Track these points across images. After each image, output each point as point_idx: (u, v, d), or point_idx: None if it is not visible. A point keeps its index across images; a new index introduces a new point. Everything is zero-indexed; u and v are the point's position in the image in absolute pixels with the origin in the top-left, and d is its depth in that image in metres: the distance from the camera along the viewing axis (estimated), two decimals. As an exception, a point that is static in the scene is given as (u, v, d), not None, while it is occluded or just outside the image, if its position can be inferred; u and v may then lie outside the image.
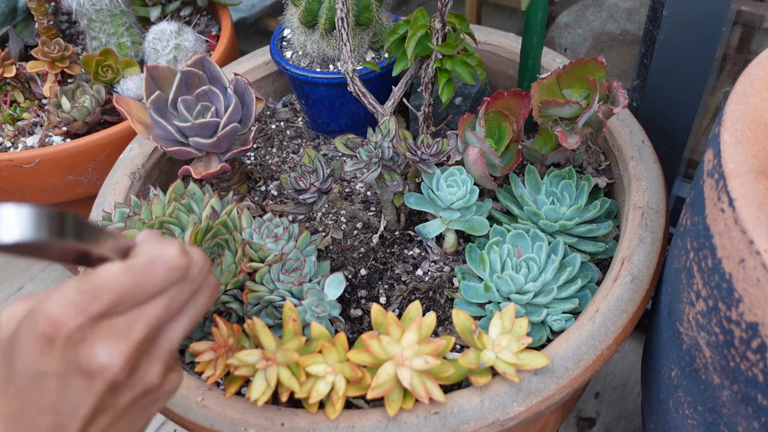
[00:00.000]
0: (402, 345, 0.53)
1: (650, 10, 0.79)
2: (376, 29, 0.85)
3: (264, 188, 0.86)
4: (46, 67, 1.03)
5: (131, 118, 0.72)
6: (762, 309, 0.40)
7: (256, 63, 0.97)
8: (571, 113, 0.68)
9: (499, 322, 0.57)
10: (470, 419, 0.54)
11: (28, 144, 1.00)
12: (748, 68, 0.52)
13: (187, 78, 0.73)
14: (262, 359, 0.53)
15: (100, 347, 0.35)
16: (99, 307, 0.35)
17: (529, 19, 0.76)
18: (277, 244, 0.64)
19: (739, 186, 0.43)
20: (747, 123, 0.48)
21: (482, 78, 0.75)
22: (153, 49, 1.05)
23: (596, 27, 1.23)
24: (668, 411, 0.61)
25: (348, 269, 0.74)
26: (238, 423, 0.56)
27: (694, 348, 0.51)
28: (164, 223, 0.62)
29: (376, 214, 0.80)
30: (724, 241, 0.44)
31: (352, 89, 0.75)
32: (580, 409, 1.06)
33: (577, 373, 0.57)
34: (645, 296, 0.62)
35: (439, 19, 0.68)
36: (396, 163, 0.69)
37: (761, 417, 0.45)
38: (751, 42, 1.07)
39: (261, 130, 0.94)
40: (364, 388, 0.55)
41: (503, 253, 0.66)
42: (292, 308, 0.58)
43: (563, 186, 0.72)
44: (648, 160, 0.73)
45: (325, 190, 0.68)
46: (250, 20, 1.53)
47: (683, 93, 0.82)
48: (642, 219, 0.67)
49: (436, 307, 0.70)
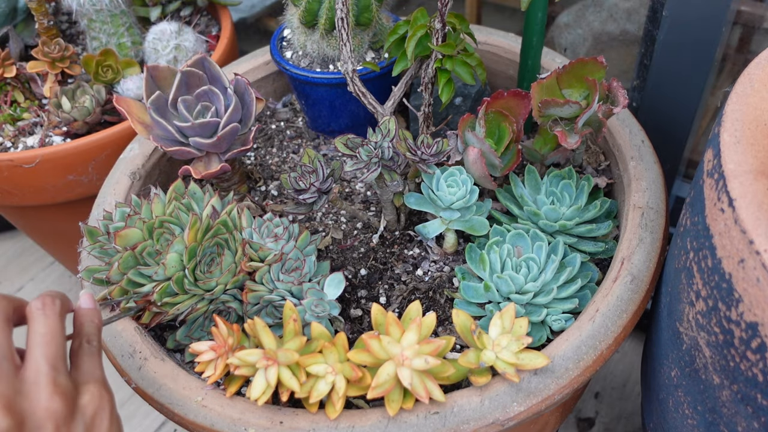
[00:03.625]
0: (402, 345, 0.53)
1: (650, 10, 0.79)
2: (376, 29, 0.85)
3: (264, 188, 0.86)
4: (47, 67, 1.03)
5: (131, 118, 0.72)
6: (762, 309, 0.40)
7: (256, 63, 0.97)
8: (571, 113, 0.68)
9: (499, 322, 0.57)
10: (470, 419, 0.54)
11: (28, 144, 1.00)
12: (748, 68, 0.52)
13: (187, 78, 0.73)
14: (262, 359, 0.53)
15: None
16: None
17: (529, 19, 0.76)
18: (277, 244, 0.64)
19: (739, 186, 0.43)
20: (747, 123, 0.48)
21: (482, 78, 0.75)
22: (153, 49, 1.05)
23: (596, 27, 1.23)
24: (668, 411, 0.61)
25: (348, 269, 0.74)
26: (239, 423, 0.56)
27: (694, 348, 0.51)
28: (164, 222, 0.62)
29: (376, 214, 0.80)
30: (724, 241, 0.44)
31: (352, 89, 0.75)
32: (580, 409, 1.06)
33: (577, 373, 0.57)
34: (645, 296, 0.62)
35: (439, 19, 0.68)
36: (396, 163, 0.69)
37: (761, 417, 0.45)
38: (751, 42, 1.07)
39: (261, 130, 0.94)
40: (365, 388, 0.55)
41: (503, 253, 0.66)
42: (292, 308, 0.58)
43: (563, 186, 0.72)
44: (648, 160, 0.73)
45: (325, 190, 0.68)
46: (250, 20, 1.53)
47: (683, 93, 0.82)
48: (642, 219, 0.67)
49: (436, 307, 0.70)
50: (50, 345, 0.42)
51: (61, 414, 0.40)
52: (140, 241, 0.61)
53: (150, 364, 0.61)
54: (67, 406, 0.40)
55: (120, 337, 0.64)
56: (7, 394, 0.38)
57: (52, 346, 0.42)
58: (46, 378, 0.40)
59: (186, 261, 0.59)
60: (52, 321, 0.43)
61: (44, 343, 0.41)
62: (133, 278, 0.60)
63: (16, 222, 1.17)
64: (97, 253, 0.64)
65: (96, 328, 0.49)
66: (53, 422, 0.39)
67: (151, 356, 0.62)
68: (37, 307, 0.43)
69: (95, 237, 0.64)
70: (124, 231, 0.60)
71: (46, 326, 0.42)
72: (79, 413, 0.41)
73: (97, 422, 0.42)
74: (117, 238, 0.60)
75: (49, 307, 0.43)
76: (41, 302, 0.43)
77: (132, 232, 0.61)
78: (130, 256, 0.60)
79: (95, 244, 0.64)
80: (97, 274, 0.64)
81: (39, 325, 0.42)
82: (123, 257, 0.59)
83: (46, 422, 0.39)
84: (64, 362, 0.43)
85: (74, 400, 0.41)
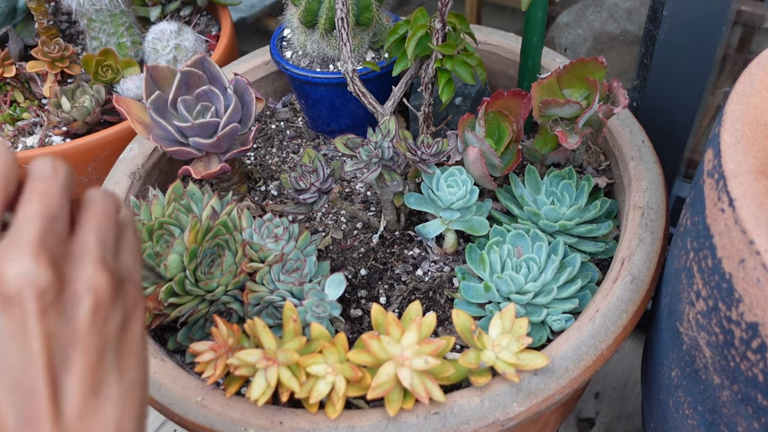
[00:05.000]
0: (402, 345, 0.53)
1: (650, 10, 0.79)
2: (376, 29, 0.85)
3: (264, 188, 0.86)
4: (46, 67, 1.03)
5: (131, 118, 0.72)
6: (762, 309, 0.40)
7: (256, 63, 0.97)
8: (571, 113, 0.68)
9: (499, 322, 0.57)
10: (470, 419, 0.54)
11: (28, 144, 1.00)
12: (748, 68, 0.52)
13: (187, 78, 0.73)
14: (262, 359, 0.53)
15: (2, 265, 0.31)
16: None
17: (529, 19, 0.76)
18: (277, 245, 0.64)
19: (739, 186, 0.43)
20: (747, 123, 0.48)
21: (482, 78, 0.75)
22: (153, 49, 1.05)
23: (596, 27, 1.23)
24: (668, 411, 0.61)
25: (348, 269, 0.74)
26: (238, 423, 0.56)
27: (694, 348, 0.51)
28: (164, 224, 0.62)
29: (376, 214, 0.80)
30: (724, 241, 0.44)
31: (352, 89, 0.75)
32: (580, 409, 1.06)
33: (577, 373, 0.57)
34: (645, 296, 0.62)
35: (439, 19, 0.68)
36: (396, 163, 0.69)
37: (761, 417, 0.45)
38: (751, 42, 1.07)
39: (261, 130, 0.94)
40: (364, 388, 0.55)
41: (503, 253, 0.66)
42: (292, 308, 0.58)
43: (563, 186, 0.72)
44: (648, 160, 0.73)
45: (325, 190, 0.68)
46: (250, 20, 1.53)
47: (683, 93, 0.82)
48: (642, 219, 0.67)
49: (436, 307, 0.70)
50: (105, 225, 0.37)
51: (103, 293, 0.35)
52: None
53: (150, 364, 0.61)
54: (111, 287, 0.35)
55: (120, 337, 0.63)
56: (55, 252, 0.34)
57: (107, 226, 0.37)
58: (95, 252, 0.35)
59: (187, 262, 0.59)
60: (111, 206, 0.39)
61: (99, 222, 0.37)
62: (133, 279, 0.59)
63: (16, 222, 1.17)
64: (97, 254, 0.63)
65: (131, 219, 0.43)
66: (94, 298, 0.34)
67: (151, 356, 0.62)
68: (97, 191, 0.39)
69: (95, 237, 0.64)
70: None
71: (104, 207, 0.38)
72: (120, 303, 0.36)
73: (132, 326, 0.37)
74: (117, 239, 0.60)
75: (109, 195, 0.39)
76: (102, 189, 0.39)
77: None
78: (130, 256, 0.60)
79: (95, 244, 0.64)
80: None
81: (98, 204, 0.38)
82: (123, 258, 0.59)
83: (86, 296, 0.34)
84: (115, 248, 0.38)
85: (119, 286, 0.37)
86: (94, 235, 0.36)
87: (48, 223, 0.34)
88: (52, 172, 0.36)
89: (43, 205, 0.34)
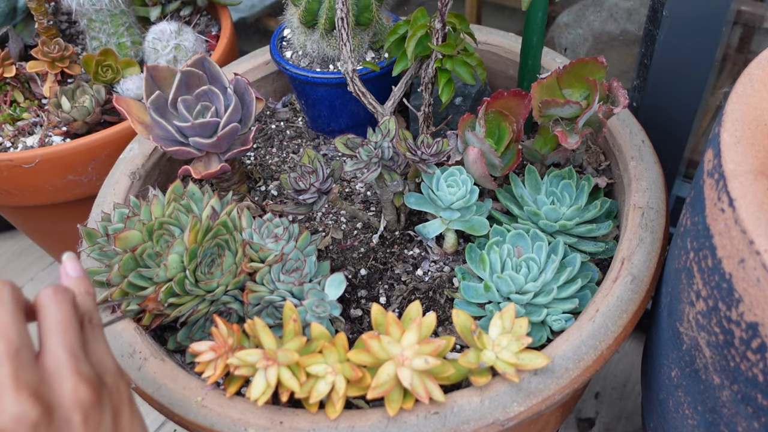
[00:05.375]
0: (402, 345, 0.53)
1: (650, 10, 0.79)
2: (376, 29, 0.85)
3: (264, 188, 0.86)
4: (46, 67, 1.03)
5: (131, 118, 0.72)
6: (762, 309, 0.40)
7: (256, 63, 0.97)
8: (571, 113, 0.68)
9: (499, 322, 0.57)
10: (470, 419, 0.54)
11: (28, 144, 1.00)
12: (748, 68, 0.52)
13: (187, 78, 0.73)
14: (262, 359, 0.53)
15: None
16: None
17: (529, 19, 0.76)
18: (277, 244, 0.64)
19: (739, 186, 0.43)
20: (747, 123, 0.48)
21: (482, 78, 0.75)
22: (153, 49, 1.05)
23: (596, 27, 1.23)
24: (668, 411, 0.61)
25: (348, 269, 0.74)
26: (238, 423, 0.56)
27: (694, 348, 0.51)
28: (164, 224, 0.62)
29: (376, 214, 0.80)
30: (724, 241, 0.44)
31: (352, 89, 0.75)
32: (580, 409, 1.06)
33: (577, 373, 0.57)
34: (645, 296, 0.62)
35: (439, 19, 0.68)
36: (396, 163, 0.69)
37: (761, 417, 0.45)
38: (751, 42, 1.07)
39: (261, 130, 0.94)
40: (365, 388, 0.55)
41: (503, 253, 0.66)
42: (292, 308, 0.58)
43: (563, 186, 0.72)
44: (648, 160, 0.73)
45: (325, 191, 0.68)
46: (250, 20, 1.53)
47: (683, 93, 0.82)
48: (642, 219, 0.67)
49: (436, 307, 0.70)
50: (67, 332, 0.39)
51: (88, 402, 0.37)
52: (140, 243, 0.61)
53: (150, 364, 0.61)
54: (93, 392, 0.38)
55: (120, 337, 0.63)
56: (32, 383, 0.35)
57: (70, 333, 0.39)
58: (68, 366, 0.37)
59: (187, 262, 0.59)
60: (66, 308, 0.40)
61: (61, 331, 0.39)
62: (134, 281, 0.59)
63: (16, 222, 1.17)
64: (97, 255, 0.64)
65: (92, 300, 0.44)
66: (82, 411, 0.37)
67: (151, 356, 0.61)
68: (48, 295, 0.40)
69: (94, 239, 0.64)
70: (124, 233, 0.60)
71: (61, 313, 0.39)
72: (107, 399, 0.39)
73: (122, 413, 0.40)
74: (117, 241, 0.60)
75: (61, 294, 0.40)
76: (52, 290, 0.41)
77: (132, 234, 0.61)
78: (131, 258, 0.60)
79: (94, 246, 0.64)
80: (97, 276, 0.64)
81: (53, 312, 0.39)
82: (123, 259, 0.59)
83: (74, 412, 0.36)
84: (83, 350, 0.40)
85: (100, 388, 0.39)
86: (61, 347, 0.38)
87: (15, 357, 0.35)
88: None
89: (2, 343, 0.36)
